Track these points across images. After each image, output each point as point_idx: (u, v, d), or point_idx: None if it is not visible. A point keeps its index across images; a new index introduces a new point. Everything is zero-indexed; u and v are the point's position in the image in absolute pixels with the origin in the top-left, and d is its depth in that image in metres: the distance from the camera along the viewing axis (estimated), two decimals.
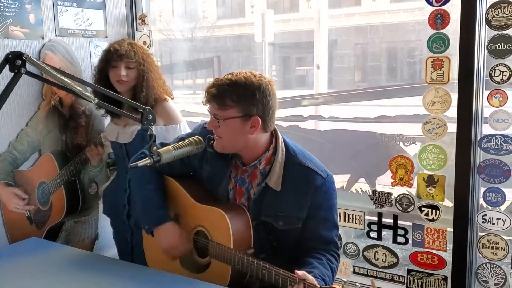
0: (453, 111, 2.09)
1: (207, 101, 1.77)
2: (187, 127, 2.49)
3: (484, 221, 2.08)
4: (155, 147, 1.67)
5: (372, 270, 2.46)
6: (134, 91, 2.42)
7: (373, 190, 2.39)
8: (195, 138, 1.79)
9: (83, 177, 2.86)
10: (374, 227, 2.41)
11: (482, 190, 2.09)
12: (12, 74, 1.49)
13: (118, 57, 2.37)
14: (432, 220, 2.22)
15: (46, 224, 2.74)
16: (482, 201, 2.11)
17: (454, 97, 2.07)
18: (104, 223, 2.91)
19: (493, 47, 1.95)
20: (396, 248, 2.40)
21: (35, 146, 2.62)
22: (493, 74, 1.96)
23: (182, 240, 1.91)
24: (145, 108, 1.68)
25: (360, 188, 2.83)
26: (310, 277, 1.53)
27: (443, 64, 2.07)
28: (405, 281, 2.36)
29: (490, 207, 2.08)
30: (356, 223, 2.46)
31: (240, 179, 1.88)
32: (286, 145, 1.86)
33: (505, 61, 1.94)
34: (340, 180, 2.83)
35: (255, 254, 1.77)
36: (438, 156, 2.16)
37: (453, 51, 2.05)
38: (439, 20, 2.05)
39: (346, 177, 2.94)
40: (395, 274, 2.40)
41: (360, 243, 2.51)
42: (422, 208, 2.24)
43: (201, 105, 1.83)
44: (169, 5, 3.69)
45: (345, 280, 1.45)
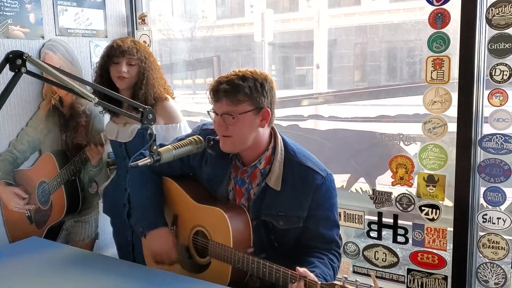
0: (453, 111, 2.09)
1: (217, 100, 1.73)
2: (187, 127, 2.50)
3: (485, 220, 2.08)
4: (155, 147, 1.67)
5: (372, 269, 2.46)
6: (134, 89, 2.43)
7: (373, 190, 2.39)
8: (195, 137, 1.79)
9: (83, 176, 2.86)
10: (374, 227, 2.41)
11: (483, 189, 2.09)
12: (13, 73, 1.49)
13: (120, 53, 2.37)
14: (432, 220, 2.22)
15: (46, 223, 2.73)
16: (482, 201, 2.10)
17: (455, 97, 2.07)
18: (104, 222, 2.91)
19: (493, 46, 1.95)
20: (396, 248, 2.40)
21: (35, 146, 2.62)
22: (493, 74, 1.96)
23: (172, 248, 1.93)
24: (145, 107, 1.68)
25: (360, 188, 2.83)
26: (311, 274, 1.53)
27: (443, 64, 2.07)
28: (405, 281, 2.36)
29: (490, 207, 2.08)
30: (356, 222, 2.46)
31: (240, 180, 1.88)
32: (285, 144, 1.86)
33: (506, 60, 1.93)
34: (340, 180, 2.83)
35: (255, 253, 1.77)
36: (438, 156, 2.16)
37: (454, 51, 2.05)
38: (439, 19, 2.05)
39: (346, 177, 2.93)
40: (395, 274, 2.40)
41: (360, 242, 2.51)
42: (422, 208, 2.24)
43: (200, 104, 1.82)
44: (168, 4, 3.68)
45: (345, 276, 1.44)
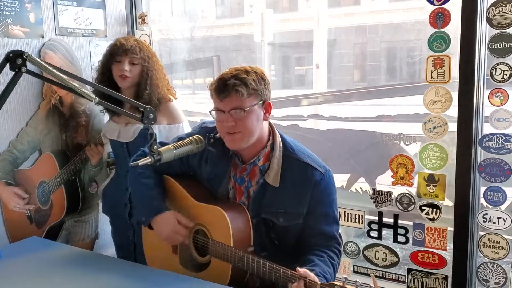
0: (453, 110, 2.09)
1: (225, 96, 1.72)
2: (189, 127, 2.50)
3: (485, 220, 2.08)
4: (156, 146, 1.67)
5: (372, 269, 2.46)
6: (137, 89, 2.42)
7: (374, 189, 2.39)
8: (196, 137, 1.79)
9: (83, 176, 2.86)
10: (375, 227, 2.41)
11: (483, 189, 2.09)
12: (13, 73, 1.49)
13: (123, 51, 2.37)
14: (432, 219, 2.22)
15: (46, 223, 2.73)
16: (482, 200, 2.10)
17: (455, 96, 2.07)
18: (104, 222, 2.91)
19: (494, 46, 1.95)
20: (397, 248, 2.40)
21: (35, 145, 2.62)
22: (494, 73, 1.96)
23: (181, 226, 1.89)
24: (145, 107, 1.68)
25: (360, 188, 2.83)
26: (311, 274, 1.53)
27: (443, 63, 2.07)
28: (406, 281, 2.36)
29: (490, 206, 2.08)
30: (356, 222, 2.46)
31: (240, 178, 1.88)
32: (283, 141, 1.87)
33: (506, 60, 1.93)
34: (340, 180, 2.83)
35: (256, 252, 1.77)
36: (438, 155, 2.16)
37: (454, 50, 2.05)
38: (439, 19, 2.05)
39: (346, 177, 2.93)
40: (395, 274, 2.40)
41: (361, 242, 2.51)
42: (423, 207, 2.24)
43: (200, 104, 1.82)
44: (168, 4, 3.68)
45: (345, 276, 1.45)
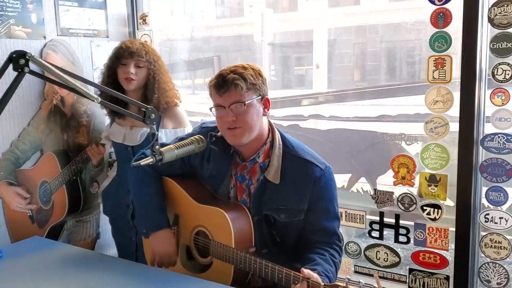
0: (455, 110, 2.09)
1: (225, 91, 1.75)
2: (191, 128, 2.50)
3: (487, 220, 2.08)
4: (157, 146, 1.67)
5: (373, 269, 2.46)
6: (144, 93, 2.43)
7: (375, 190, 2.39)
8: (197, 137, 1.79)
9: (84, 176, 2.86)
10: (376, 227, 2.41)
11: (485, 189, 2.09)
12: (16, 73, 1.49)
13: (129, 54, 2.37)
14: (434, 219, 2.22)
15: (48, 223, 2.73)
16: (484, 200, 2.10)
17: (456, 96, 2.07)
18: (105, 222, 2.90)
19: (495, 45, 1.95)
20: (398, 248, 2.40)
21: (37, 145, 2.62)
22: (495, 73, 1.96)
23: (174, 251, 1.94)
24: (147, 107, 1.67)
25: (361, 188, 2.82)
26: (314, 275, 1.53)
27: (445, 63, 2.07)
28: (407, 281, 2.36)
29: (492, 206, 2.08)
30: (357, 222, 2.46)
31: (240, 176, 1.89)
32: (283, 139, 1.89)
33: (508, 59, 1.93)
34: (341, 180, 2.82)
35: (257, 249, 1.77)
36: (440, 155, 2.16)
37: (455, 50, 2.05)
38: (441, 19, 2.05)
39: (347, 177, 2.93)
40: (397, 274, 2.40)
41: (362, 242, 2.51)
42: (424, 207, 2.24)
43: (200, 104, 1.82)
44: (168, 4, 3.68)
45: (348, 278, 1.45)
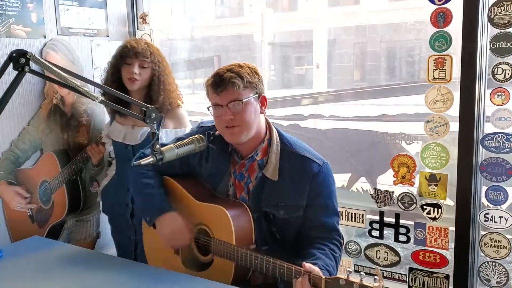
0: (455, 110, 2.09)
1: (222, 90, 1.77)
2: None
3: (486, 219, 2.09)
4: (158, 146, 1.67)
5: (373, 268, 2.46)
6: (147, 93, 2.43)
7: (375, 189, 2.39)
8: (197, 136, 1.79)
9: (84, 175, 2.86)
10: (376, 226, 2.41)
11: (484, 188, 2.09)
12: (16, 72, 1.49)
13: (134, 54, 2.37)
14: (434, 219, 2.23)
15: (48, 222, 2.73)
16: (484, 200, 2.10)
17: (456, 96, 2.08)
18: (105, 221, 2.90)
19: (495, 45, 1.95)
20: (398, 247, 2.40)
21: (37, 145, 2.62)
22: (495, 72, 1.97)
23: (184, 229, 1.89)
24: (148, 106, 1.67)
25: (361, 187, 2.82)
26: (316, 269, 1.53)
27: (445, 63, 2.07)
28: (407, 280, 2.36)
29: (492, 206, 2.08)
30: (357, 222, 2.46)
31: (239, 174, 1.90)
32: (280, 136, 1.90)
33: (508, 59, 1.94)
34: (341, 179, 2.82)
35: (258, 249, 1.78)
36: (440, 155, 2.17)
37: (456, 50, 2.05)
38: (441, 18, 2.06)
39: (346, 176, 2.93)
40: (396, 273, 2.40)
41: (362, 241, 2.51)
42: (424, 207, 2.24)
43: (200, 104, 1.83)
44: (168, 4, 3.68)
45: (349, 270, 1.45)
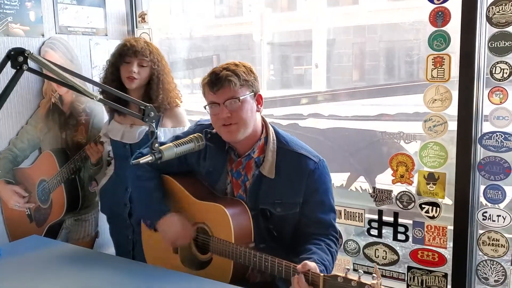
0: (453, 109, 2.09)
1: (219, 88, 1.78)
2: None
3: (485, 218, 2.09)
4: (157, 144, 1.67)
5: (372, 267, 2.46)
6: (146, 92, 2.43)
7: (374, 188, 2.39)
8: (196, 135, 1.79)
9: (83, 175, 2.86)
10: (375, 225, 2.41)
11: (483, 187, 2.10)
12: (14, 70, 1.49)
13: (133, 53, 2.38)
14: (432, 218, 2.23)
15: (46, 222, 2.73)
16: (482, 198, 2.11)
17: (455, 95, 2.08)
18: (104, 221, 2.90)
19: (493, 44, 1.96)
20: (397, 246, 2.41)
21: (35, 144, 2.62)
22: (493, 72, 1.97)
23: (186, 227, 1.91)
24: (146, 105, 1.67)
25: (360, 186, 2.83)
26: (311, 265, 1.53)
27: (443, 62, 2.08)
28: (406, 278, 2.36)
29: (490, 204, 2.08)
30: (356, 220, 2.46)
31: (236, 172, 1.91)
32: (277, 134, 1.91)
33: (506, 58, 1.94)
34: (340, 179, 2.83)
35: (256, 247, 1.78)
36: (438, 154, 2.17)
37: (454, 49, 2.05)
38: (440, 17, 2.06)
39: (345, 176, 2.93)
40: (395, 271, 2.40)
41: (361, 240, 2.52)
42: (423, 206, 2.24)
43: (199, 103, 1.83)
44: (167, 3, 3.68)
45: (348, 267, 1.45)
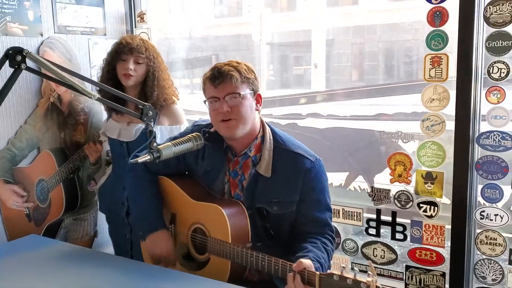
0: (451, 108, 2.10)
1: (220, 82, 1.79)
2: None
3: (482, 217, 2.09)
4: (155, 144, 1.67)
5: (368, 265, 2.46)
6: (142, 89, 2.44)
7: (372, 187, 2.40)
8: (195, 134, 1.79)
9: (81, 174, 2.86)
10: (373, 224, 2.42)
11: (480, 186, 2.10)
12: (12, 70, 1.49)
13: (128, 50, 2.38)
14: (430, 217, 2.23)
15: (45, 221, 2.73)
16: (480, 198, 2.11)
17: (453, 94, 2.08)
18: (102, 220, 2.91)
19: (491, 44, 1.96)
20: (395, 245, 2.41)
21: (33, 143, 2.62)
22: (491, 71, 1.97)
23: (172, 251, 1.95)
24: (145, 104, 1.68)
25: (359, 186, 2.83)
26: (308, 263, 1.53)
27: (441, 61, 2.08)
28: (404, 278, 2.37)
29: (487, 204, 2.09)
30: (354, 220, 2.47)
31: (233, 172, 1.92)
32: (273, 134, 1.92)
33: (503, 58, 1.95)
34: (338, 178, 2.83)
35: (253, 247, 1.78)
36: (436, 153, 2.17)
37: (452, 49, 2.06)
38: (437, 17, 2.06)
39: (344, 175, 2.93)
40: (393, 271, 2.41)
41: (359, 240, 2.52)
42: (421, 205, 2.25)
43: (199, 103, 1.83)
44: (166, 3, 3.68)
45: (343, 266, 1.45)
